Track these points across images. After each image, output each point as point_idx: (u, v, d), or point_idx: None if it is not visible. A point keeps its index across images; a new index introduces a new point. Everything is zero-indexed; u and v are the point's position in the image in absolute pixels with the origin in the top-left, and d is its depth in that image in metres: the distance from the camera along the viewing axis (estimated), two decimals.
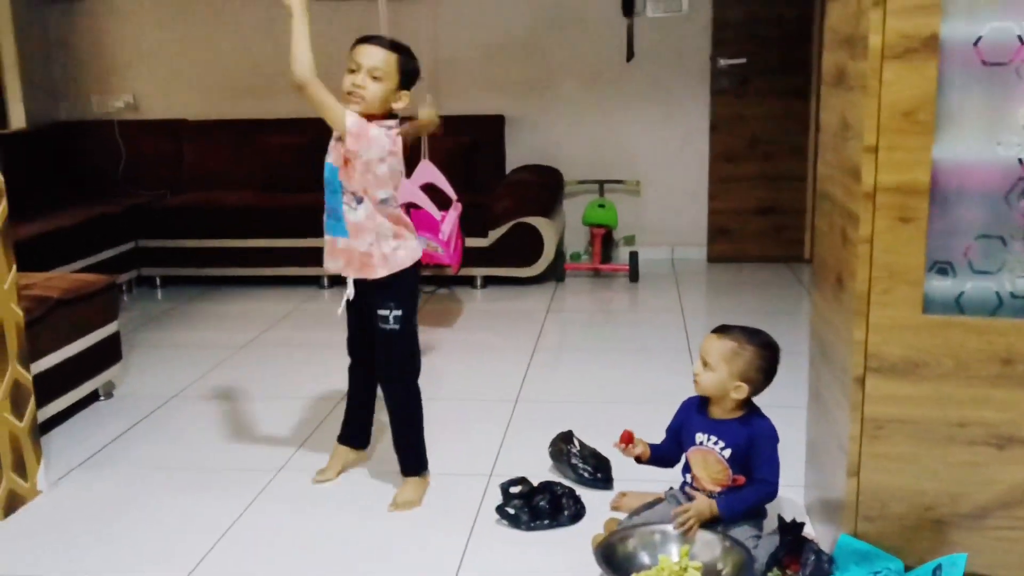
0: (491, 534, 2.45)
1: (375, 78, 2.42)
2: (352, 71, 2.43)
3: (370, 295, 2.55)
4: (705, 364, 2.24)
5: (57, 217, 4.80)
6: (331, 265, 2.57)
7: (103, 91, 5.92)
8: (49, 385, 3.05)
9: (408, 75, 2.48)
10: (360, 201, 2.48)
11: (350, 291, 2.57)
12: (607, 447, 2.62)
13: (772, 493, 2.22)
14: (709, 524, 2.19)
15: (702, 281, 5.29)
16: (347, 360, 2.77)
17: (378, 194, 2.47)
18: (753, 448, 2.21)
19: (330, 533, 2.48)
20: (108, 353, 3.47)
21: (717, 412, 2.28)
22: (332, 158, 2.50)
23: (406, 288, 2.57)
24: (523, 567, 2.29)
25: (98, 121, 5.85)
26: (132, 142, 5.76)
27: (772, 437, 2.23)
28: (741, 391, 2.22)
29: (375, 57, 2.43)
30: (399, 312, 2.54)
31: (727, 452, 2.24)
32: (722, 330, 2.28)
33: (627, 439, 2.38)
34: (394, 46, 2.47)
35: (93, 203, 5.27)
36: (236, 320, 4.65)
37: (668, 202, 5.67)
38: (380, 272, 2.52)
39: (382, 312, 2.54)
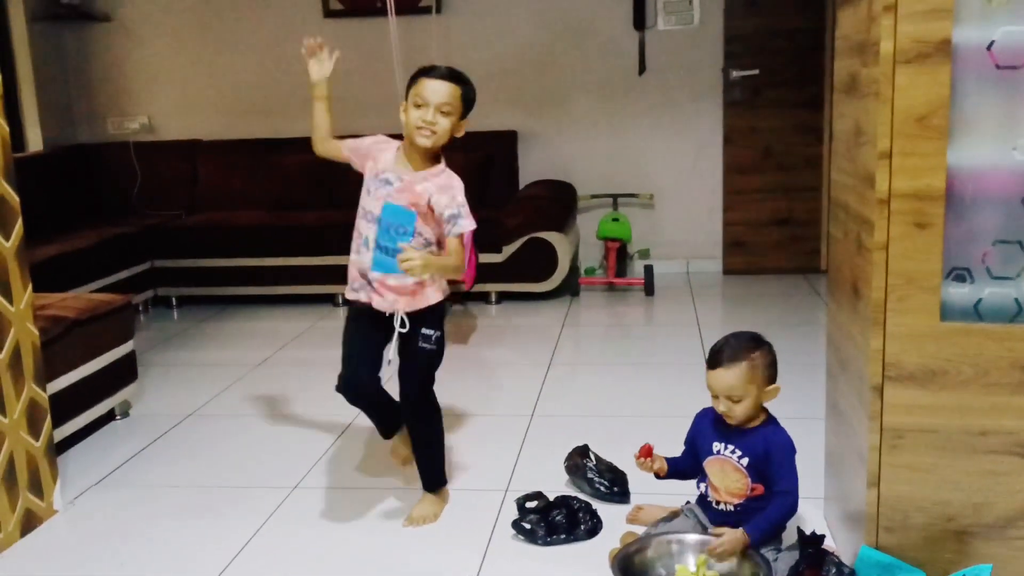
0: (507, 549, 2.43)
1: (444, 113, 2.39)
2: (419, 106, 2.38)
3: (417, 321, 2.50)
4: (733, 400, 2.19)
5: (74, 238, 4.84)
6: (380, 303, 2.48)
7: (119, 113, 5.98)
8: (65, 405, 3.06)
9: (469, 104, 2.46)
10: (429, 244, 2.47)
11: (402, 325, 2.48)
12: (623, 461, 2.60)
13: (794, 504, 2.19)
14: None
15: (718, 294, 5.27)
16: None
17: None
18: (770, 458, 2.18)
19: (346, 550, 2.47)
20: (124, 373, 3.48)
21: (734, 423, 2.25)
22: (404, 202, 2.43)
23: (443, 308, 2.57)
24: None
25: (114, 143, 5.90)
26: (148, 163, 5.81)
27: (789, 447, 2.20)
28: (774, 392, 2.21)
29: (443, 94, 2.39)
30: (439, 332, 2.54)
31: (744, 460, 2.21)
32: (719, 357, 2.21)
33: (646, 453, 2.35)
34: (455, 77, 2.43)
35: (109, 224, 5.31)
36: (251, 339, 4.66)
37: (682, 215, 5.66)
38: (433, 298, 2.51)
39: (427, 332, 2.51)
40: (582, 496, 2.62)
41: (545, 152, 5.69)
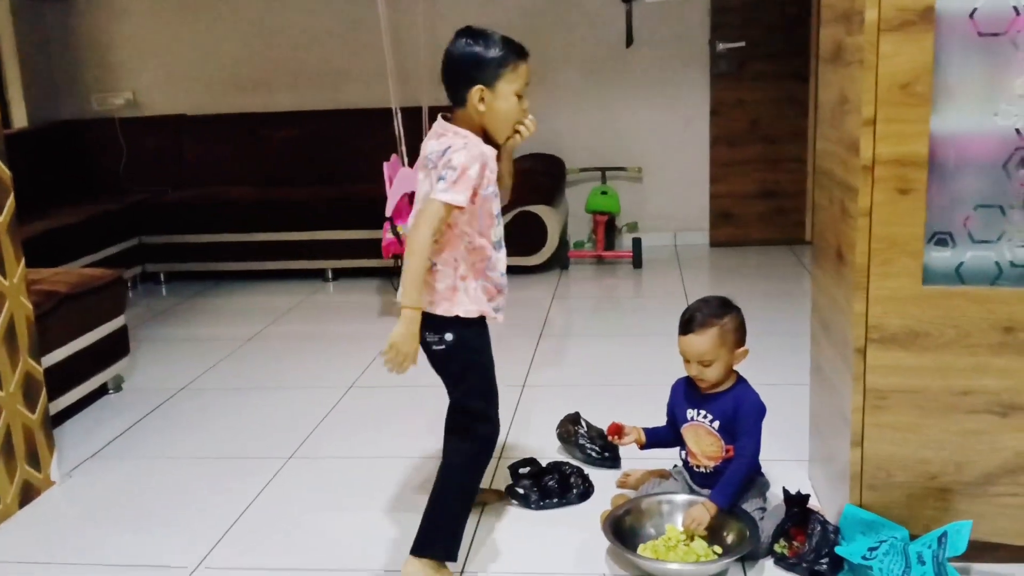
0: (501, 513, 2.48)
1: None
2: (520, 96, 2.13)
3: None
4: (704, 364, 2.24)
5: (60, 215, 4.83)
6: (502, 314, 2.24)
7: (103, 89, 5.94)
8: (59, 378, 3.08)
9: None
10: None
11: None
12: None
13: (753, 463, 2.24)
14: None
15: (705, 266, 5.31)
16: (353, 352, 2.76)
17: None
18: (737, 418, 2.24)
19: (342, 518, 2.51)
20: (116, 347, 3.50)
21: (706, 387, 2.30)
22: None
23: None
24: (533, 544, 2.31)
25: (99, 119, 5.87)
26: (133, 139, 5.79)
27: (756, 408, 2.25)
28: (743, 355, 2.26)
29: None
30: None
31: (716, 424, 2.27)
32: (690, 324, 2.25)
33: (614, 431, 2.41)
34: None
35: (96, 201, 5.31)
36: (241, 314, 4.68)
37: (670, 188, 5.69)
38: None
39: None
40: (574, 462, 2.67)
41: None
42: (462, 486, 2.14)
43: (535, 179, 5.15)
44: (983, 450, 2.01)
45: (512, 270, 5.05)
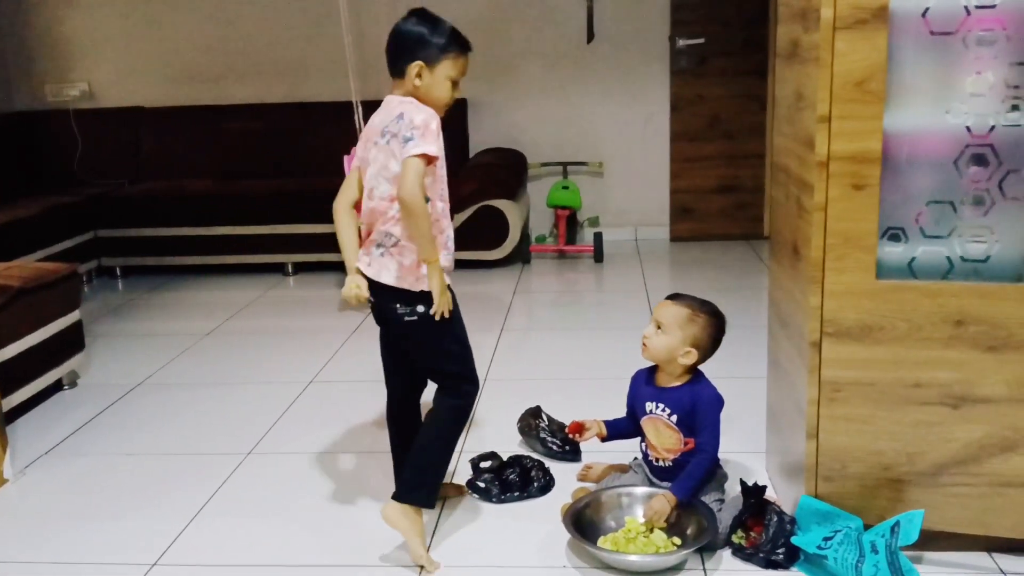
0: (462, 507, 2.48)
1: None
2: (455, 83, 2.24)
3: None
4: (659, 327, 2.28)
5: (13, 208, 4.74)
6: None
7: (57, 80, 5.83)
8: (12, 374, 3.03)
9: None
10: None
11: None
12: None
13: (712, 458, 2.27)
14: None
15: (665, 260, 5.35)
16: (313, 347, 2.76)
17: None
18: (696, 412, 2.26)
19: (301, 514, 2.49)
20: (71, 342, 3.44)
21: (664, 380, 2.33)
22: None
23: None
24: (494, 538, 2.32)
25: (53, 111, 5.76)
26: (89, 131, 5.69)
27: (714, 402, 2.28)
28: (690, 356, 2.27)
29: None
30: None
31: (674, 417, 2.29)
32: (676, 297, 2.34)
33: (575, 430, 2.44)
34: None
35: (51, 193, 5.21)
36: (199, 308, 4.62)
37: (631, 183, 5.72)
38: None
39: None
40: (535, 455, 2.68)
41: (495, 120, 5.70)
42: (448, 438, 2.26)
43: (496, 173, 5.15)
44: (935, 441, 2.05)
45: (473, 264, 5.13)
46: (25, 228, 4.62)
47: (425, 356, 2.28)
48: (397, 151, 2.14)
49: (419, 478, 2.21)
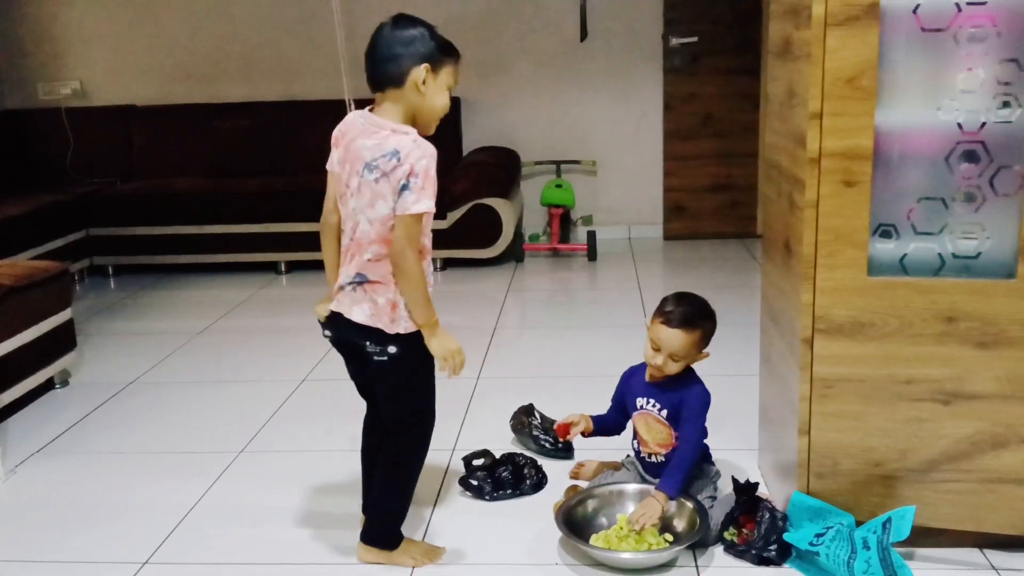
0: (456, 505, 2.48)
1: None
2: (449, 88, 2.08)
3: None
4: (674, 359, 2.24)
5: (5, 207, 4.72)
6: None
7: (49, 78, 5.81)
8: (4, 373, 3.02)
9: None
10: None
11: None
12: None
13: (696, 449, 2.26)
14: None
15: (659, 259, 5.36)
16: (305, 345, 2.75)
17: None
18: (682, 407, 2.26)
19: (292, 513, 2.49)
20: (62, 341, 3.43)
21: (660, 376, 2.32)
22: None
23: None
24: (487, 536, 2.32)
25: (45, 109, 5.74)
26: (80, 130, 5.67)
27: (700, 397, 2.28)
28: (704, 356, 2.30)
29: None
30: None
31: (664, 413, 2.29)
32: (679, 320, 2.24)
33: (563, 431, 2.43)
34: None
35: (42, 192, 5.19)
36: (192, 307, 4.61)
37: (624, 181, 5.72)
38: None
39: None
40: (527, 453, 2.67)
41: (489, 119, 5.69)
42: (403, 481, 2.18)
43: (490, 172, 5.15)
44: (926, 438, 2.05)
45: (467, 263, 5.13)
46: (16, 226, 4.60)
47: (389, 392, 2.13)
48: (387, 194, 1.96)
49: (380, 525, 2.19)
